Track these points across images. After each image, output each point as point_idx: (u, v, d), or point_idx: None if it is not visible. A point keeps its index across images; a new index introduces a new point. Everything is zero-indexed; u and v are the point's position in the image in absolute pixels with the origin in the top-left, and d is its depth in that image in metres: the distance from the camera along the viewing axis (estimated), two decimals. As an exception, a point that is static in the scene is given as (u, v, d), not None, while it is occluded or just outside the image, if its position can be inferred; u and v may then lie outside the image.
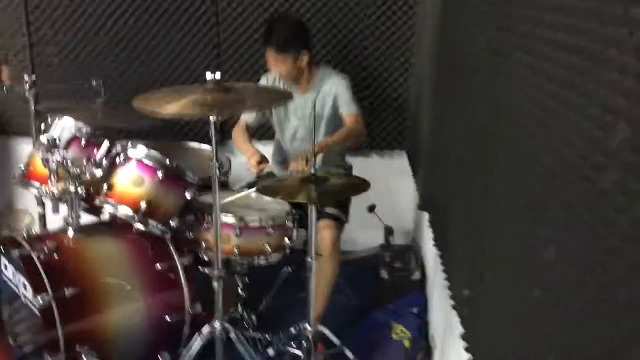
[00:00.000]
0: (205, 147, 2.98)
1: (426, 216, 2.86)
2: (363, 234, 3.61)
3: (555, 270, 1.07)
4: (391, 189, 3.52)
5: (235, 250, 2.34)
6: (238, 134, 2.98)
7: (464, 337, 1.63)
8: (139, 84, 3.38)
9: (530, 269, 1.17)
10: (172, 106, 1.88)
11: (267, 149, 3.06)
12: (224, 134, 3.33)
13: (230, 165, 2.85)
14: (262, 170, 2.82)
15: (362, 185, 2.22)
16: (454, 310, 1.81)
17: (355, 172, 3.08)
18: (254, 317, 2.65)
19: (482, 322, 1.53)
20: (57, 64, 3.41)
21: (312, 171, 2.14)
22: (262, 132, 3.27)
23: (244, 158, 2.84)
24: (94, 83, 2.72)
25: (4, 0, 3.33)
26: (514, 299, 1.26)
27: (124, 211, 2.29)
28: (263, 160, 2.84)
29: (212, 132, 2.03)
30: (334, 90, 2.89)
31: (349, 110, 2.87)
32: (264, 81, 3.01)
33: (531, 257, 1.16)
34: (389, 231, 3.39)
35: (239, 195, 2.50)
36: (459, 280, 1.85)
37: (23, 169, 2.52)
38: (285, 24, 2.80)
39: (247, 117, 3.02)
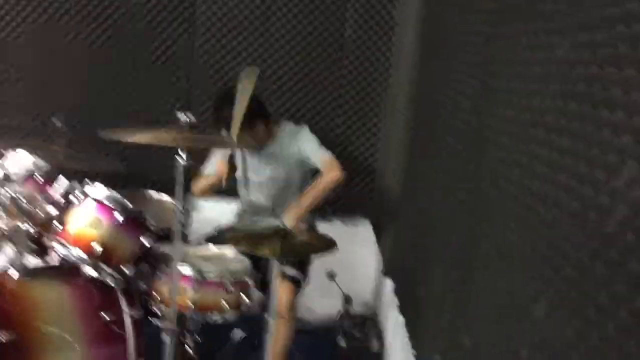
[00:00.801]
0: (166, 197, 2.87)
1: (388, 285, 2.80)
2: (320, 302, 3.49)
3: (545, 327, 1.01)
4: (352, 257, 3.45)
5: (191, 305, 2.21)
6: (198, 180, 2.92)
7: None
8: (105, 120, 3.27)
9: (517, 327, 1.11)
10: (142, 135, 1.82)
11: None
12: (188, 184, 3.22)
13: (191, 217, 2.74)
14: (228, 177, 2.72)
15: (328, 245, 2.16)
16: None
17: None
18: (203, 381, 2.47)
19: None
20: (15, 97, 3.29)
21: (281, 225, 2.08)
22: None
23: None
24: (56, 121, 2.61)
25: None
26: (497, 361, 1.20)
27: (76, 253, 2.15)
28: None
29: (179, 169, 1.94)
30: (299, 146, 2.86)
31: (319, 158, 2.85)
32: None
33: (518, 314, 1.11)
34: (347, 300, 3.29)
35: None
36: (429, 348, 1.77)
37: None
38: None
39: (207, 168, 2.98)
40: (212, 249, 2.55)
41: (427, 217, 2.03)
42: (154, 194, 2.92)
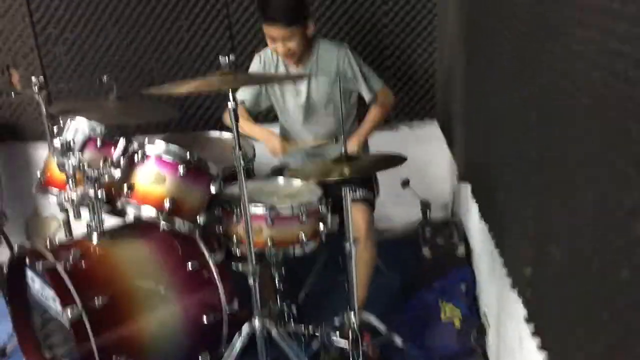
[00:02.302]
0: (226, 135, 2.83)
1: (466, 189, 2.69)
2: (398, 210, 3.45)
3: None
4: (424, 161, 3.35)
5: (269, 242, 2.21)
6: (241, 118, 2.76)
7: (530, 319, 1.47)
8: (152, 75, 3.25)
9: (615, 240, 1.00)
10: (187, 85, 1.76)
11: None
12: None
13: (255, 152, 2.71)
14: (287, 152, 2.66)
15: (396, 159, 2.08)
16: (513, 289, 1.65)
17: (384, 147, 2.92)
18: (294, 309, 2.52)
19: (550, 304, 1.37)
20: (67, 63, 3.27)
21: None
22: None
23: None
24: (105, 79, 2.58)
25: (6, 2, 3.20)
26: (594, 279, 1.10)
27: (148, 212, 2.17)
28: (285, 140, 2.68)
29: (231, 114, 1.88)
30: (337, 66, 2.63)
31: (372, 88, 2.68)
32: (256, 61, 2.74)
33: (616, 224, 0.99)
34: (426, 205, 3.22)
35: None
36: (516, 256, 1.68)
37: (40, 176, 2.41)
38: None
39: (242, 97, 2.70)
40: (280, 181, 2.52)
41: (496, 121, 1.88)
42: (213, 134, 2.89)
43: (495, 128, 1.94)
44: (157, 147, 2.18)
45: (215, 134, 2.89)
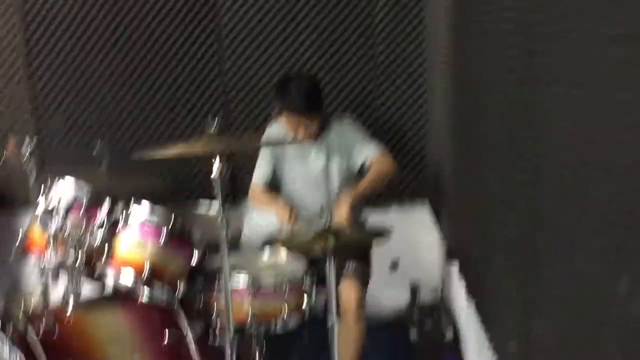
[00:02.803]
0: (212, 213, 2.81)
1: (454, 268, 2.65)
2: (386, 294, 3.37)
3: (630, 305, 0.87)
4: (414, 243, 3.32)
5: (250, 316, 2.14)
6: (259, 196, 2.77)
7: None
8: (145, 140, 3.30)
9: (598, 307, 0.97)
10: (174, 149, 1.78)
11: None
12: (235, 191, 3.18)
13: (241, 224, 2.69)
14: (295, 221, 2.61)
15: (381, 233, 2.05)
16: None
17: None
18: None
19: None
20: (62, 128, 3.33)
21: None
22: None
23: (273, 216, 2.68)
24: (99, 146, 2.60)
25: (7, 72, 3.29)
26: (578, 345, 1.05)
27: (127, 277, 2.11)
28: (293, 210, 2.65)
29: (216, 176, 1.87)
30: (340, 140, 2.70)
31: (370, 152, 2.68)
32: (274, 129, 2.81)
33: (599, 292, 0.97)
34: (414, 288, 3.16)
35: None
36: (501, 331, 1.63)
37: (20, 241, 2.37)
38: (308, 84, 2.64)
39: (261, 175, 2.79)
40: (265, 255, 2.48)
41: (485, 197, 1.88)
42: (201, 209, 2.86)
43: (483, 208, 1.94)
44: (143, 212, 2.16)
45: (202, 211, 2.86)
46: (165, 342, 2.15)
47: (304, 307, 2.24)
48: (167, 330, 2.17)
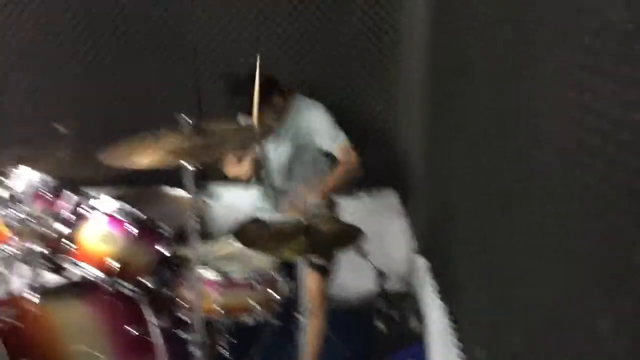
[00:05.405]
0: (182, 192, 2.76)
1: (422, 262, 2.67)
2: (353, 279, 3.38)
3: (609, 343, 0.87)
4: (381, 231, 3.32)
5: (218, 310, 2.12)
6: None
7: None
8: (112, 128, 3.17)
9: (577, 335, 0.97)
10: (143, 157, 1.69)
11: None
12: (204, 175, 3.12)
13: (210, 211, 2.65)
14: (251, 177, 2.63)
15: (354, 235, 2.05)
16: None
17: (343, 215, 2.89)
18: (239, 382, 2.40)
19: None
20: (22, 108, 3.19)
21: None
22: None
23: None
24: (61, 129, 2.50)
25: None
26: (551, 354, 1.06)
27: (91, 271, 2.06)
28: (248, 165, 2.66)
29: (189, 181, 1.83)
30: (309, 125, 2.69)
31: (334, 143, 2.68)
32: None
33: (580, 318, 0.97)
34: (381, 276, 3.17)
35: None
36: (472, 337, 1.65)
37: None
38: (245, 83, 2.56)
39: None
40: (235, 245, 2.44)
41: (454, 188, 1.88)
42: (168, 190, 2.81)
43: (456, 209, 1.94)
44: (108, 204, 2.10)
45: (169, 190, 2.82)
46: (131, 334, 2.11)
47: (272, 300, 2.23)
48: (132, 322, 2.13)
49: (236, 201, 3.14)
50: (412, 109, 2.91)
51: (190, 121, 1.79)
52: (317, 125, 2.68)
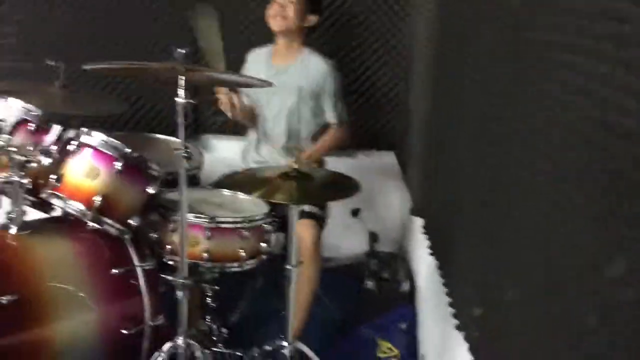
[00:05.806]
0: (174, 139, 2.67)
1: (417, 221, 2.60)
2: (345, 239, 3.33)
3: (622, 288, 0.80)
4: (376, 192, 3.26)
5: (205, 255, 2.05)
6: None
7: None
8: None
9: (582, 285, 0.91)
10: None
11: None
12: (197, 126, 3.05)
13: (203, 159, 2.57)
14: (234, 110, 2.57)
15: (351, 187, 1.97)
16: (459, 330, 1.55)
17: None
18: (223, 331, 2.35)
19: (498, 348, 1.27)
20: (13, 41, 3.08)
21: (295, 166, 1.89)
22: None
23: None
24: (53, 63, 2.40)
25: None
26: (553, 321, 1.00)
27: (75, 207, 1.98)
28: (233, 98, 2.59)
29: (179, 114, 1.75)
30: (320, 76, 2.65)
31: (335, 117, 2.71)
32: (251, 57, 2.81)
33: (586, 269, 0.90)
34: (373, 237, 3.13)
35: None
36: (465, 295, 1.59)
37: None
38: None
39: None
40: (225, 192, 2.38)
41: (453, 153, 1.81)
42: (161, 136, 2.72)
43: (453, 168, 1.87)
44: (95, 137, 2.01)
45: (162, 136, 2.73)
46: (113, 274, 2.05)
47: (261, 250, 2.17)
48: (115, 262, 2.07)
49: (230, 152, 3.07)
50: (416, 74, 2.83)
51: (184, 51, 1.70)
52: (326, 85, 2.66)
